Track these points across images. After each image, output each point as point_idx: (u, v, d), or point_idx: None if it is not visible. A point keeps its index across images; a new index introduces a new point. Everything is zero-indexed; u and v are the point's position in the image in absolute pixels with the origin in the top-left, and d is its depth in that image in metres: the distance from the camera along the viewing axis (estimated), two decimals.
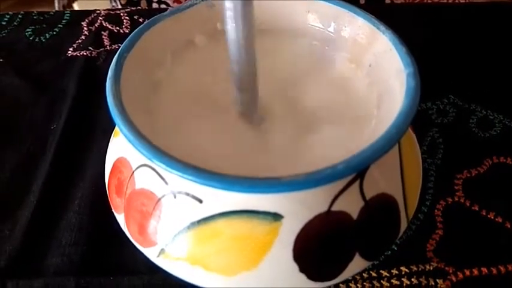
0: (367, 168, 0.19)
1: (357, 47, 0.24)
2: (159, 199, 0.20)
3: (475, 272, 0.25)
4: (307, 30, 0.26)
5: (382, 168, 0.20)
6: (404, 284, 0.25)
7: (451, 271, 0.25)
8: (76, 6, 0.75)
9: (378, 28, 0.23)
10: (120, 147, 0.23)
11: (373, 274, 0.25)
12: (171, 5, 0.56)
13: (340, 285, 0.24)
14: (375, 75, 0.23)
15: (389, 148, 0.18)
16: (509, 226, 0.27)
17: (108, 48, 0.40)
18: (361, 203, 0.20)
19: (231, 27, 0.20)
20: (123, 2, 0.58)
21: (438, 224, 0.27)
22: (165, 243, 0.20)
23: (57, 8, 0.73)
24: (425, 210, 0.28)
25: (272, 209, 0.19)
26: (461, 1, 0.58)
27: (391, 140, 0.18)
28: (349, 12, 0.24)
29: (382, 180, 0.20)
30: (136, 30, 0.23)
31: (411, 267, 0.25)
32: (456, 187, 0.29)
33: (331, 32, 0.25)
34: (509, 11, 0.44)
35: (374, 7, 0.51)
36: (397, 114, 0.19)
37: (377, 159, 0.18)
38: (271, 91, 0.23)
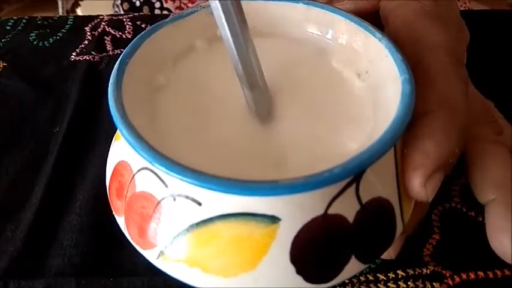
0: (363, 172, 0.20)
1: (354, 54, 0.24)
2: (159, 202, 0.21)
3: (472, 275, 0.25)
4: (304, 37, 0.26)
5: (378, 173, 0.20)
6: None
7: (447, 275, 0.25)
8: (79, 12, 0.75)
9: (374, 35, 0.23)
10: (121, 150, 0.23)
11: (370, 277, 0.25)
12: (173, 11, 0.57)
13: (338, 287, 0.25)
14: (371, 81, 0.23)
15: (385, 152, 0.18)
16: None
17: (110, 53, 0.41)
18: (357, 207, 0.20)
19: (222, 26, 0.20)
20: (125, 8, 0.59)
21: (435, 228, 0.27)
22: (164, 246, 0.21)
23: (60, 13, 0.74)
24: None
25: (270, 212, 0.19)
26: (460, 8, 0.58)
27: (387, 144, 0.18)
28: (346, 19, 0.24)
29: (378, 184, 0.21)
30: (138, 36, 0.24)
31: (408, 270, 0.26)
32: (453, 193, 0.29)
33: (328, 39, 0.26)
34: (507, 19, 0.44)
35: (373, 14, 0.51)
36: (393, 119, 0.19)
37: (373, 163, 0.18)
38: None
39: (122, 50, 0.41)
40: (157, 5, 0.57)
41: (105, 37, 0.42)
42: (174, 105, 0.24)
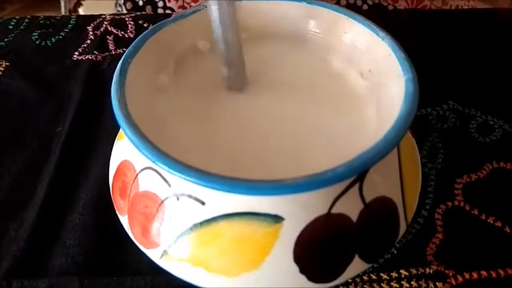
0: (366, 171, 0.20)
1: (357, 53, 0.24)
2: (162, 201, 0.21)
3: (475, 275, 0.25)
4: (308, 36, 0.26)
5: (382, 172, 0.20)
6: (404, 287, 0.25)
7: (450, 274, 0.25)
8: (81, 11, 0.75)
9: (377, 34, 0.23)
10: (125, 150, 0.24)
11: (373, 277, 0.25)
12: (176, 10, 0.57)
13: (341, 287, 0.25)
14: (374, 80, 0.23)
15: (388, 151, 0.18)
16: (508, 230, 0.27)
17: (113, 52, 0.41)
18: (361, 206, 0.20)
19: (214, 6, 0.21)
20: (128, 8, 0.59)
21: (438, 227, 0.27)
22: (167, 245, 0.21)
23: (63, 12, 0.74)
24: (426, 214, 0.28)
25: (273, 211, 0.19)
26: (464, 7, 0.58)
27: (391, 143, 0.18)
28: (349, 18, 0.24)
29: (381, 183, 0.21)
30: (140, 36, 0.24)
31: (411, 270, 0.25)
32: (456, 191, 0.29)
33: (331, 38, 0.26)
34: (510, 18, 0.44)
35: (377, 13, 0.51)
36: (396, 118, 0.19)
37: (376, 162, 0.18)
38: (270, 96, 0.24)
39: (124, 49, 0.41)
40: (161, 4, 0.57)
41: (108, 36, 0.42)
42: (177, 104, 0.24)
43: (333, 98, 0.24)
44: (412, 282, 0.25)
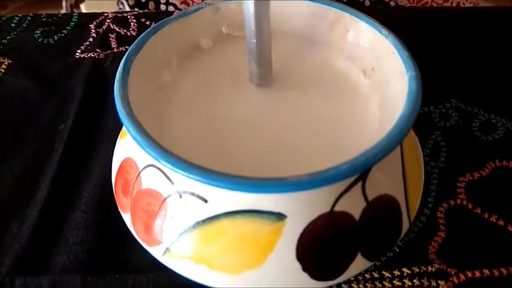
0: (369, 169, 0.20)
1: (360, 51, 0.24)
2: (165, 199, 0.21)
3: (477, 273, 0.25)
4: (311, 34, 0.26)
5: (385, 170, 0.20)
6: (406, 285, 0.25)
7: (453, 273, 0.25)
8: (83, 7, 0.75)
9: (380, 32, 0.23)
10: (127, 148, 0.24)
11: (375, 275, 0.25)
12: (179, 6, 0.57)
13: (343, 285, 0.25)
14: (377, 78, 0.23)
15: (391, 149, 0.18)
16: (511, 229, 0.27)
17: (115, 50, 0.41)
18: (364, 204, 0.20)
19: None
20: (131, 4, 0.58)
21: (440, 226, 0.27)
22: (170, 242, 0.21)
23: (64, 9, 0.74)
24: (428, 213, 0.28)
25: (276, 209, 0.19)
26: (466, 5, 0.58)
27: (394, 141, 0.18)
28: (352, 16, 0.24)
29: (384, 181, 0.21)
30: (143, 34, 0.24)
31: (413, 268, 0.25)
32: (459, 190, 0.29)
33: (335, 36, 0.26)
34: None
35: (378, 10, 0.51)
36: (399, 116, 0.19)
37: (379, 160, 0.18)
38: (272, 94, 0.24)
39: (126, 47, 0.41)
40: (163, 0, 0.57)
41: (110, 34, 0.42)
42: (179, 102, 0.24)
43: (336, 95, 0.24)
44: (414, 281, 0.25)
